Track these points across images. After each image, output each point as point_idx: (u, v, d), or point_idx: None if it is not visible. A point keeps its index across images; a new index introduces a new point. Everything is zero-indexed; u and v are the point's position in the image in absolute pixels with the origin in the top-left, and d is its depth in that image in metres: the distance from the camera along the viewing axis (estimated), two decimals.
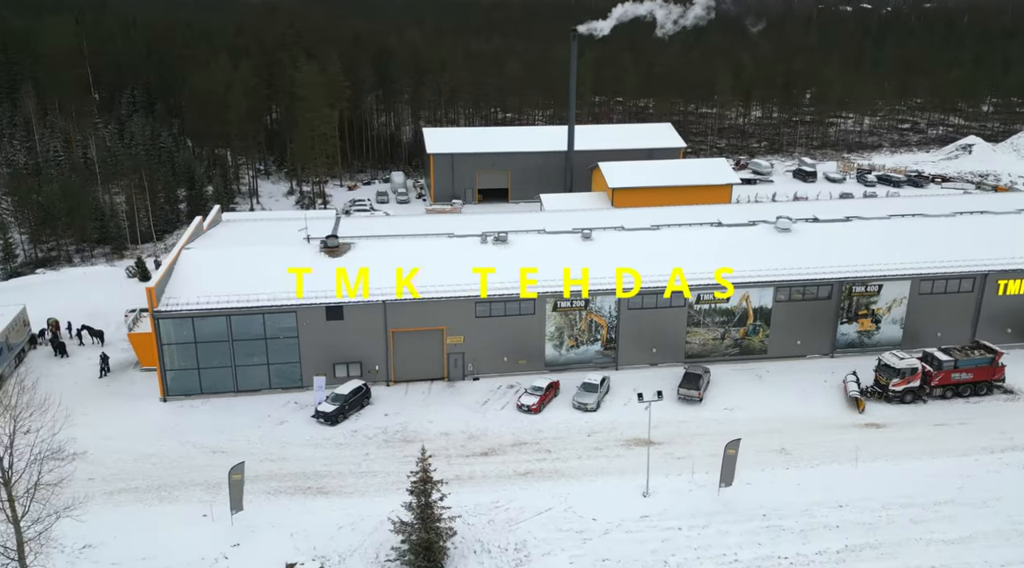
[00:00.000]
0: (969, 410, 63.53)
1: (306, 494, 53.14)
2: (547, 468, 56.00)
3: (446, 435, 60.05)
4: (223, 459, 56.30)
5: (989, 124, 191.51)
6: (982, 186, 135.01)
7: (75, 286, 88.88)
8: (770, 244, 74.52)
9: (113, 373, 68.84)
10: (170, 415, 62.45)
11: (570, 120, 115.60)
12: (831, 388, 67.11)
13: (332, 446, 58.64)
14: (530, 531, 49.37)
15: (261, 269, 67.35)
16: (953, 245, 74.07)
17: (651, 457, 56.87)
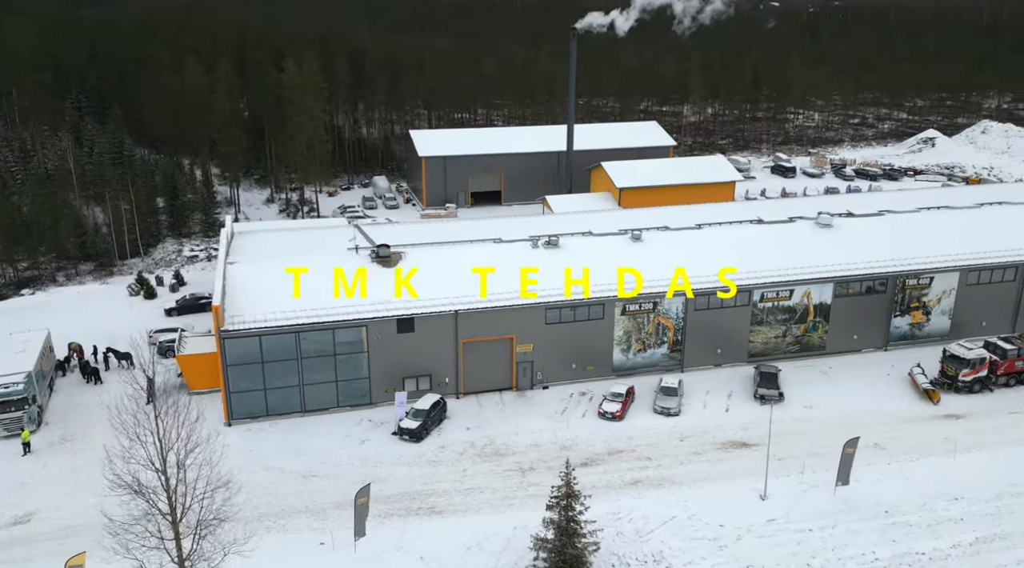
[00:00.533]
0: None
1: (418, 515, 51.38)
2: (653, 476, 55.53)
3: (537, 447, 59.01)
4: (317, 484, 54.16)
5: (932, 117, 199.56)
6: (953, 178, 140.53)
7: (76, 307, 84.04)
8: (816, 240, 75.82)
9: (159, 398, 65.14)
10: (242, 440, 59.51)
11: (569, 120, 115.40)
12: (896, 381, 68.63)
13: (425, 464, 56.90)
14: (663, 541, 48.83)
15: (315, 282, 64.95)
16: (991, 235, 76.65)
17: (752, 459, 57.18)
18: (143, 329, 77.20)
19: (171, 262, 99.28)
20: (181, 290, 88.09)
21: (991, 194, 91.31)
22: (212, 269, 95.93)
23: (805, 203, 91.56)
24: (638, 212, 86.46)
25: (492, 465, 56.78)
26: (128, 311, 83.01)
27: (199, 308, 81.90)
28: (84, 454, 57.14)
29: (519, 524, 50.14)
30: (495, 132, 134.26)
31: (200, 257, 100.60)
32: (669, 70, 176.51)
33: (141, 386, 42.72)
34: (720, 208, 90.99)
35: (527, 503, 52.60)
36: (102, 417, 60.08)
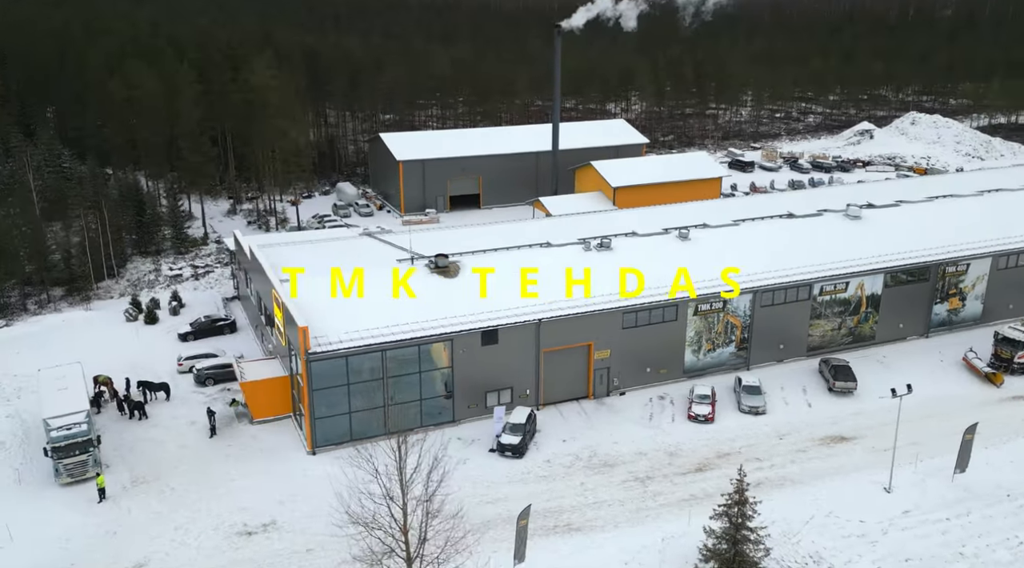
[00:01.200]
0: None
1: (558, 533, 49.94)
2: (772, 476, 55.71)
3: (644, 455, 58.33)
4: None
5: (850, 110, 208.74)
6: (899, 168, 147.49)
7: (70, 338, 77.60)
8: (852, 232, 77.92)
9: (219, 429, 61.06)
10: (335, 468, 56.00)
11: (554, 119, 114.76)
12: (951, 366, 71.30)
13: (538, 480, 55.33)
14: (814, 541, 49.00)
15: (381, 297, 62.25)
16: (1009, 222, 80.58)
17: (859, 453, 58.26)
18: (164, 357, 72.59)
19: (152, 283, 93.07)
20: (183, 312, 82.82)
21: (992, 182, 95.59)
22: (205, 288, 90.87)
23: (798, 196, 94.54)
24: (656, 210, 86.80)
25: (606, 477, 55.70)
26: (135, 338, 77.40)
27: (216, 331, 77.24)
28: (167, 497, 52.94)
29: (665, 535, 49.46)
30: (469, 134, 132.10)
31: (185, 276, 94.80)
32: (613, 67, 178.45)
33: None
34: (730, 204, 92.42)
35: (661, 513, 51.93)
36: (168, 455, 56.41)
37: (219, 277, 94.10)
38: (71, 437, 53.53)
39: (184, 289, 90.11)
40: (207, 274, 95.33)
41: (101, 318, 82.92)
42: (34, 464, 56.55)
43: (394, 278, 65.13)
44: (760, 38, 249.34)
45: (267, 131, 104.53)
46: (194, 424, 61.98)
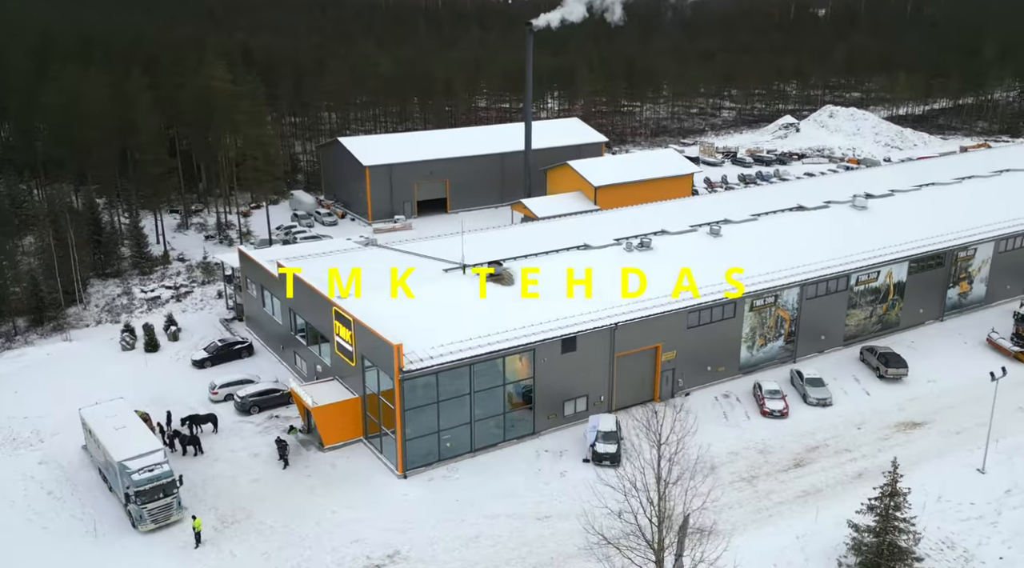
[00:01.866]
0: None
1: (693, 539, 49.24)
2: (868, 466, 56.99)
3: (737, 454, 58.69)
4: (558, 524, 50.65)
5: (761, 105, 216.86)
6: (832, 160, 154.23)
7: (71, 372, 71.50)
8: (865, 222, 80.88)
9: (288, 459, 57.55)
10: (433, 492, 53.94)
11: (526, 118, 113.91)
12: (976, 347, 74.95)
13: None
14: (939, 527, 50.42)
15: (448, 311, 60.25)
16: (1000, 206, 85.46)
17: (932, 436, 60.44)
18: (189, 387, 67.94)
19: (127, 307, 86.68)
20: (182, 337, 77.62)
21: (962, 169, 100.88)
22: (195, 310, 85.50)
23: (775, 190, 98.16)
24: (656, 208, 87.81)
25: (709, 482, 55.39)
26: (143, 369, 71.99)
27: (233, 355, 72.81)
28: (270, 536, 49.52)
29: (798, 534, 50.06)
30: (432, 136, 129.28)
31: (164, 297, 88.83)
32: (546, 65, 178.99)
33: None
34: (722, 200, 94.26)
35: (782, 512, 52.42)
36: (246, 491, 53.11)
37: (203, 297, 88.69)
38: (155, 479, 49.19)
39: (168, 312, 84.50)
40: (187, 295, 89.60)
41: (89, 349, 76.65)
42: (100, 512, 51.71)
43: (451, 288, 63.22)
44: (660, 37, 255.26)
45: (240, 138, 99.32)
46: (257, 456, 58.17)
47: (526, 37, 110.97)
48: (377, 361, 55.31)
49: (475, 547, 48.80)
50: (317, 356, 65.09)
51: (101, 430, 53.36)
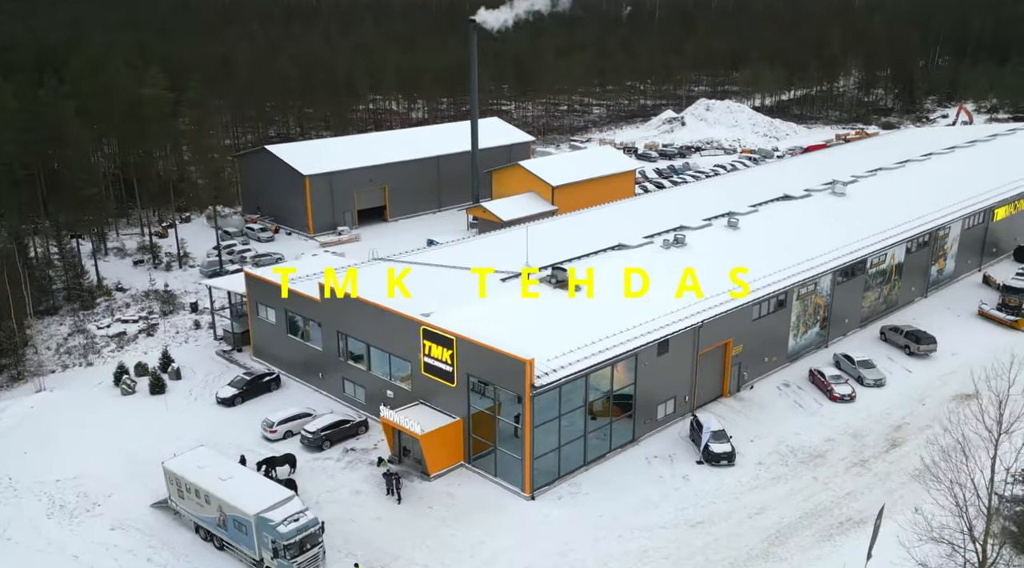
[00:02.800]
0: None
1: (847, 531, 50.67)
2: (959, 438, 60.20)
3: (832, 441, 60.60)
4: (716, 529, 50.59)
5: (625, 101, 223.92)
6: (728, 152, 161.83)
7: (78, 424, 63.83)
8: (852, 206, 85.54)
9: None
10: (570, 510, 52.31)
11: (473, 117, 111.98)
12: (969, 318, 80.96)
13: (772, 482, 55.48)
14: None
15: (529, 319, 58.77)
16: (958, 187, 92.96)
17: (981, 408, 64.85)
18: (235, 428, 62.32)
19: (92, 347, 77.94)
20: (184, 374, 70.92)
21: (900, 152, 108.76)
22: (177, 344, 78.16)
23: (729, 181, 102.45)
24: (649, 202, 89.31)
25: (827, 468, 57.07)
26: (164, 413, 65.13)
27: (263, 388, 67.38)
28: None
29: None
30: (364, 140, 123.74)
31: (130, 333, 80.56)
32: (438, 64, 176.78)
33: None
34: (697, 192, 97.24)
35: (916, 492, 54.08)
36: (373, 532, 50.29)
37: (178, 330, 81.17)
38: (303, 529, 44.86)
39: (149, 348, 77.07)
40: (153, 327, 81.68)
41: (78, 398, 68.50)
42: None
43: (517, 297, 61.55)
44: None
45: (192, 148, 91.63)
46: (360, 493, 54.26)
47: (470, 34, 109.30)
48: (496, 379, 52.92)
49: (649, 562, 47.74)
50: (386, 381, 61.32)
51: (207, 482, 47.91)
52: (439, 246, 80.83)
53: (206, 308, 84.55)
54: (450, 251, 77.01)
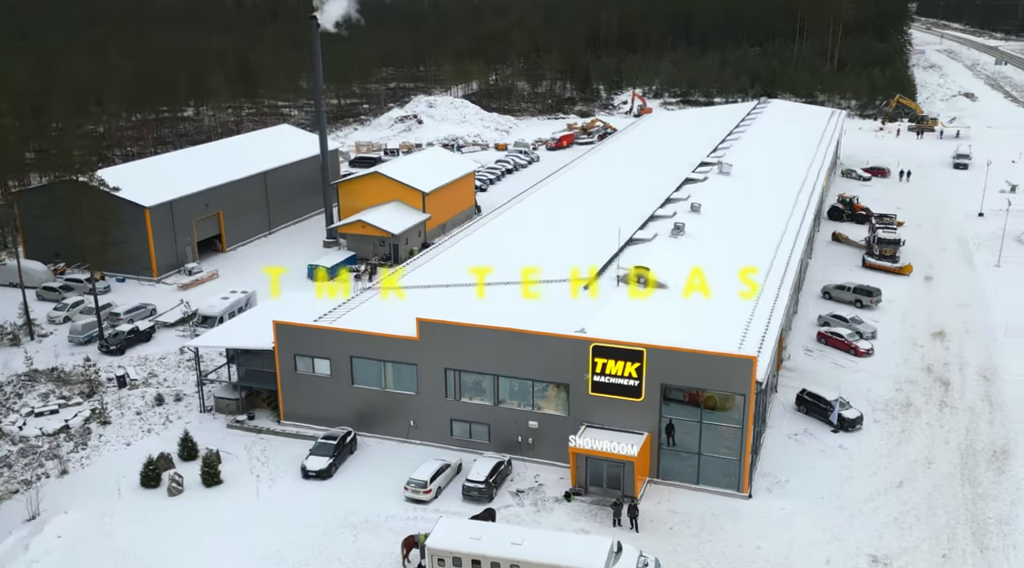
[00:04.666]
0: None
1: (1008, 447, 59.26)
2: (980, 368, 72.09)
3: (898, 390, 69.03)
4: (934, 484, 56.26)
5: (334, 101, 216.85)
6: (485, 147, 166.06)
7: (146, 548, 51.86)
8: (746, 185, 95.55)
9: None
10: (789, 498, 54.73)
11: (320, 124, 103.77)
12: (860, 271, 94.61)
13: (902, 435, 62.21)
14: None
15: (661, 320, 59.96)
16: (787, 155, 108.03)
17: (965, 339, 78.37)
18: (369, 498, 55.19)
19: (34, 456, 61.84)
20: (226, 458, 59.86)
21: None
22: (161, 430, 65.29)
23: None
24: (567, 193, 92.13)
25: (929, 411, 65.09)
26: (254, 505, 54.91)
27: (347, 451, 59.52)
28: None
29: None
30: (185, 157, 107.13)
31: (72, 429, 65.04)
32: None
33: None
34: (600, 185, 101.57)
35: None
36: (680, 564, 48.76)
37: (129, 410, 67.21)
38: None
39: (130, 438, 63.61)
40: (101, 412, 66.60)
41: (116, 510, 54.66)
42: None
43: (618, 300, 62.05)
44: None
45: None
46: (586, 532, 51.26)
47: (312, 31, 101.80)
48: (708, 383, 53.17)
49: (916, 519, 51.99)
50: (525, 411, 57.80)
51: (508, 552, 43.28)
52: (422, 261, 75.80)
53: (135, 380, 71.13)
54: (446, 266, 73.24)
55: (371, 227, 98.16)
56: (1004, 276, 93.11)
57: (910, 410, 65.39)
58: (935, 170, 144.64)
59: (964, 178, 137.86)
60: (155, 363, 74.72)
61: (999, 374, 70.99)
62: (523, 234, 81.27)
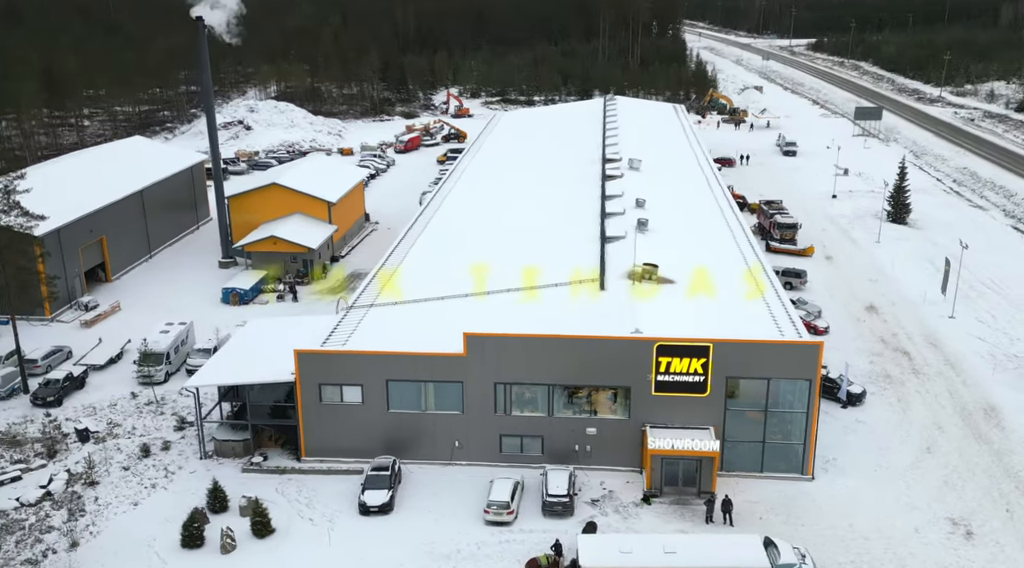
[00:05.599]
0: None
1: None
2: (935, 325, 79.34)
3: (873, 361, 74.45)
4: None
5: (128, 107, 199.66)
6: (328, 153, 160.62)
7: None
8: (661, 180, 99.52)
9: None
10: (848, 475, 57.72)
11: (212, 133, 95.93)
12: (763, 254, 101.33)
13: (900, 403, 67.44)
14: None
15: (689, 314, 61.85)
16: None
17: (892, 309, 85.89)
18: (437, 523, 52.83)
19: (24, 530, 53.76)
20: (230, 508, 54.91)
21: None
22: (163, 478, 58.66)
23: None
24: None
25: (909, 379, 70.73)
26: (326, 550, 50.79)
27: (395, 484, 56.24)
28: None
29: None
30: (44, 176, 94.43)
31: (57, 491, 56.97)
32: None
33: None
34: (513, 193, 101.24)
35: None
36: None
37: (114, 465, 59.80)
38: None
39: (137, 497, 56.66)
40: (86, 475, 58.69)
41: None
42: None
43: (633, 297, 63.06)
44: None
45: None
46: (685, 532, 51.75)
47: (199, 33, 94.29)
48: (775, 371, 55.04)
49: (968, 477, 56.53)
50: (581, 419, 57.20)
51: (666, 560, 42.91)
52: (383, 273, 72.57)
53: (97, 432, 63.48)
54: (422, 276, 70.97)
55: (285, 243, 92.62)
56: (889, 251, 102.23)
57: (892, 381, 70.72)
58: (768, 158, 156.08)
59: (798, 164, 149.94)
60: (107, 411, 66.88)
61: (941, 340, 78.22)
62: (484, 241, 79.39)
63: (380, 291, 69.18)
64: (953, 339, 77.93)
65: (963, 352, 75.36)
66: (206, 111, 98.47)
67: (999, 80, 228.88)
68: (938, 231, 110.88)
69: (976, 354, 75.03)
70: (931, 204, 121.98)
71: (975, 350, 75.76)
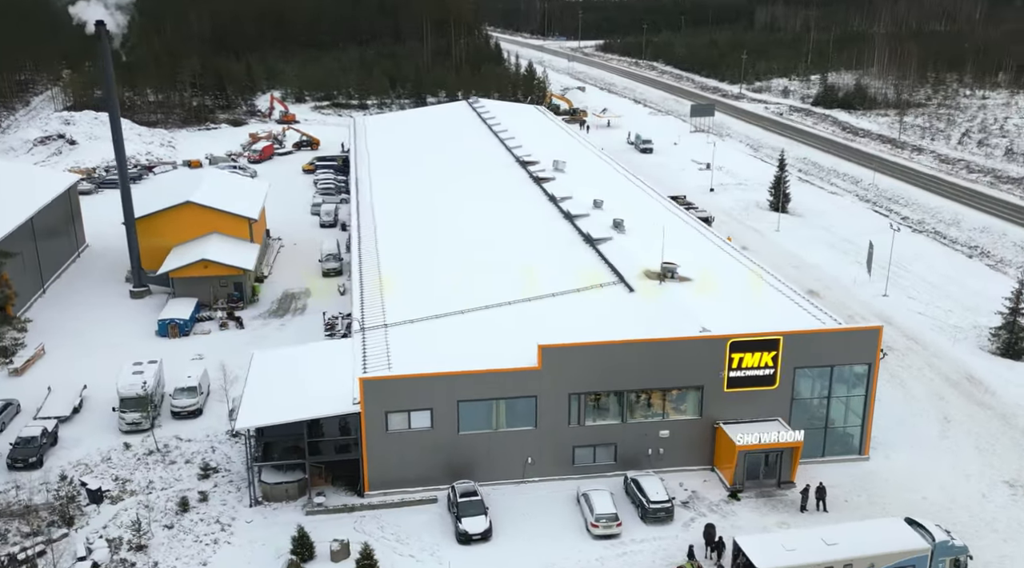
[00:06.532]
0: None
1: None
2: (864, 308, 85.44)
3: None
4: None
5: None
6: (175, 166, 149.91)
7: None
8: (593, 180, 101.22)
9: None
10: (899, 450, 61.36)
11: (118, 149, 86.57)
12: None
13: None
14: None
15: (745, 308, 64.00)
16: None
17: (828, 292, 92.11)
18: (535, 546, 51.76)
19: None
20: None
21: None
22: (221, 532, 53.13)
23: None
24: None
25: None
26: None
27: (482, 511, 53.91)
28: None
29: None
30: None
31: (102, 560, 50.08)
32: None
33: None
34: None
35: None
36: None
37: (158, 527, 53.46)
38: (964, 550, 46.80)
39: (207, 559, 51.03)
40: (137, 540, 51.94)
41: None
42: None
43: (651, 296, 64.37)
44: None
45: None
46: (786, 526, 53.25)
47: (102, 39, 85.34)
48: (839, 358, 57.67)
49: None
50: (654, 422, 57.33)
51: (820, 555, 44.52)
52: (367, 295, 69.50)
53: (108, 491, 56.59)
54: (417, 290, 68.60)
55: (218, 265, 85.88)
56: (792, 238, 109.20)
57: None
58: (625, 156, 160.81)
59: (657, 161, 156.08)
60: (103, 466, 59.56)
61: (891, 317, 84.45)
62: (458, 251, 77.32)
63: (384, 310, 66.02)
64: (899, 316, 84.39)
65: (916, 327, 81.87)
66: (112, 124, 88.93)
67: (782, 77, 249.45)
68: (816, 218, 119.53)
69: (927, 328, 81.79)
70: (796, 193, 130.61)
71: (923, 325, 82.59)
